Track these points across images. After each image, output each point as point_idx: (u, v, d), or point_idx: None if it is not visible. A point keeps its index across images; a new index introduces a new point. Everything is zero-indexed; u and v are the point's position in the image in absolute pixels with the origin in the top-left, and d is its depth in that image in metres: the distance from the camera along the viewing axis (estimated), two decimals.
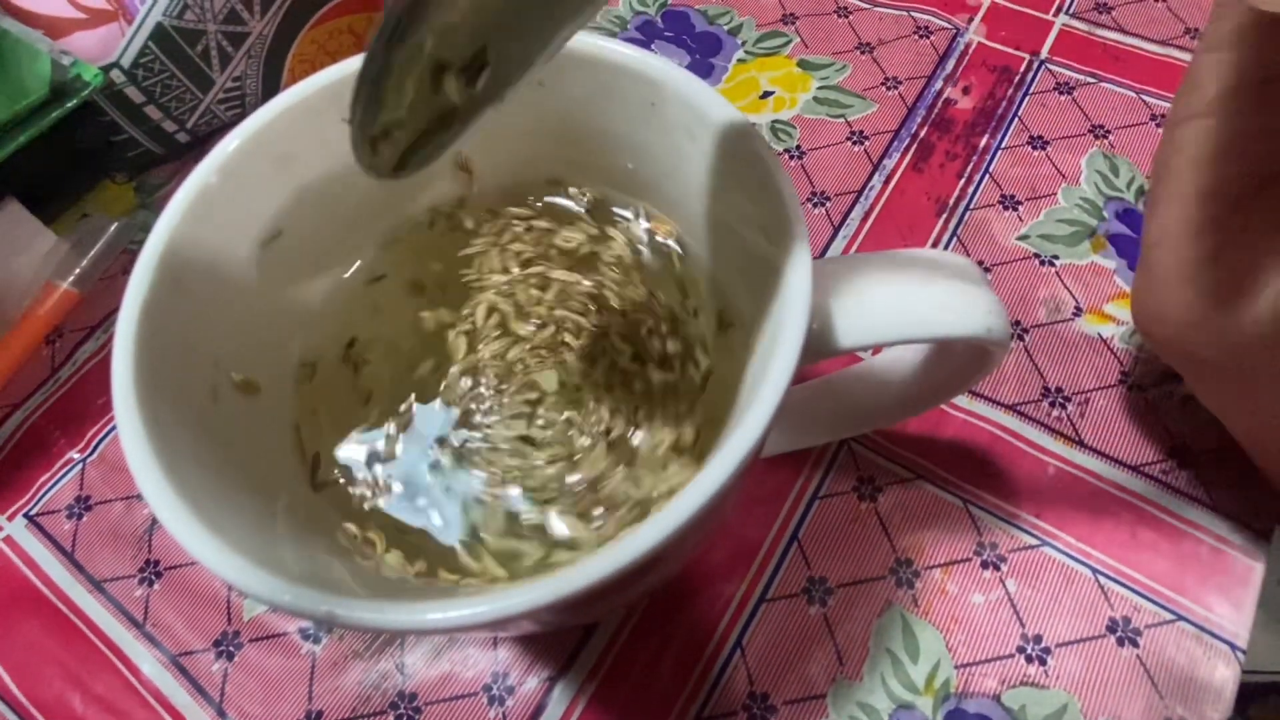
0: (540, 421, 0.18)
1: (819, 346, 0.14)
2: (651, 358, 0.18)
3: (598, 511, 0.17)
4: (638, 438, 0.17)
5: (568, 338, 0.19)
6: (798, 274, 0.13)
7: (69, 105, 0.26)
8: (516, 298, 0.20)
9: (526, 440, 0.18)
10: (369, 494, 0.17)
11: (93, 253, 0.28)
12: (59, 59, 0.26)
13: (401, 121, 0.12)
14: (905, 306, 0.14)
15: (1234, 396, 0.19)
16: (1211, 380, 0.20)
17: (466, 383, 0.19)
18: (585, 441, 0.18)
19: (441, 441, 0.18)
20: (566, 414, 0.18)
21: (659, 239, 0.20)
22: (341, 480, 0.17)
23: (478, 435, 0.18)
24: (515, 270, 0.20)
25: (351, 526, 0.17)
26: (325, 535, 0.16)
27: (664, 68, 0.16)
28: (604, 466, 0.17)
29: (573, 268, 0.20)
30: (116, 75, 0.28)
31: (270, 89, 0.31)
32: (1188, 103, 0.17)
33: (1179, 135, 0.18)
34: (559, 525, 0.17)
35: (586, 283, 0.20)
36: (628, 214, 0.20)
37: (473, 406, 0.18)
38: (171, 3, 0.27)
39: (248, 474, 0.15)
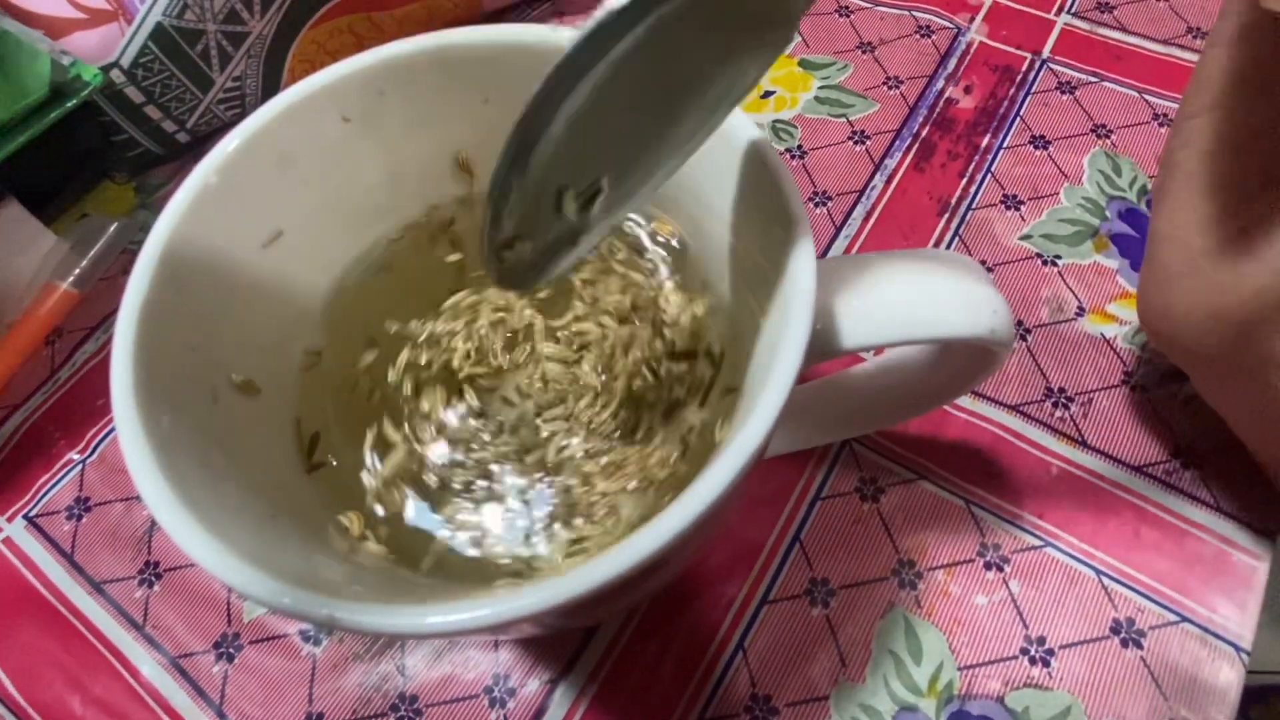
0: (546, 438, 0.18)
1: (822, 347, 0.14)
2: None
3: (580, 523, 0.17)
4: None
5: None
6: (802, 274, 0.13)
7: (69, 105, 0.26)
8: (607, 343, 0.19)
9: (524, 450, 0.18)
10: (369, 488, 0.17)
11: (93, 253, 0.28)
12: (59, 59, 0.26)
13: (525, 235, 0.14)
14: (908, 307, 0.14)
15: (1237, 394, 0.19)
16: (1214, 377, 0.20)
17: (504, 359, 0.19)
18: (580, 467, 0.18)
19: (445, 434, 0.18)
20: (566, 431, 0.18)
21: (662, 238, 0.20)
22: (340, 471, 0.17)
23: (484, 436, 0.18)
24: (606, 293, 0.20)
25: (345, 520, 0.16)
26: (326, 536, 0.16)
27: None
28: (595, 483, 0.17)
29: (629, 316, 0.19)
30: (116, 75, 0.28)
31: (270, 89, 0.31)
32: (1196, 97, 0.17)
33: (1188, 129, 0.18)
34: (547, 536, 0.17)
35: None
36: (630, 215, 0.20)
37: (492, 403, 0.18)
38: (171, 2, 0.27)
39: (248, 475, 0.15)
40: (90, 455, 0.26)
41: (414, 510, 0.17)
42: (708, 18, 0.12)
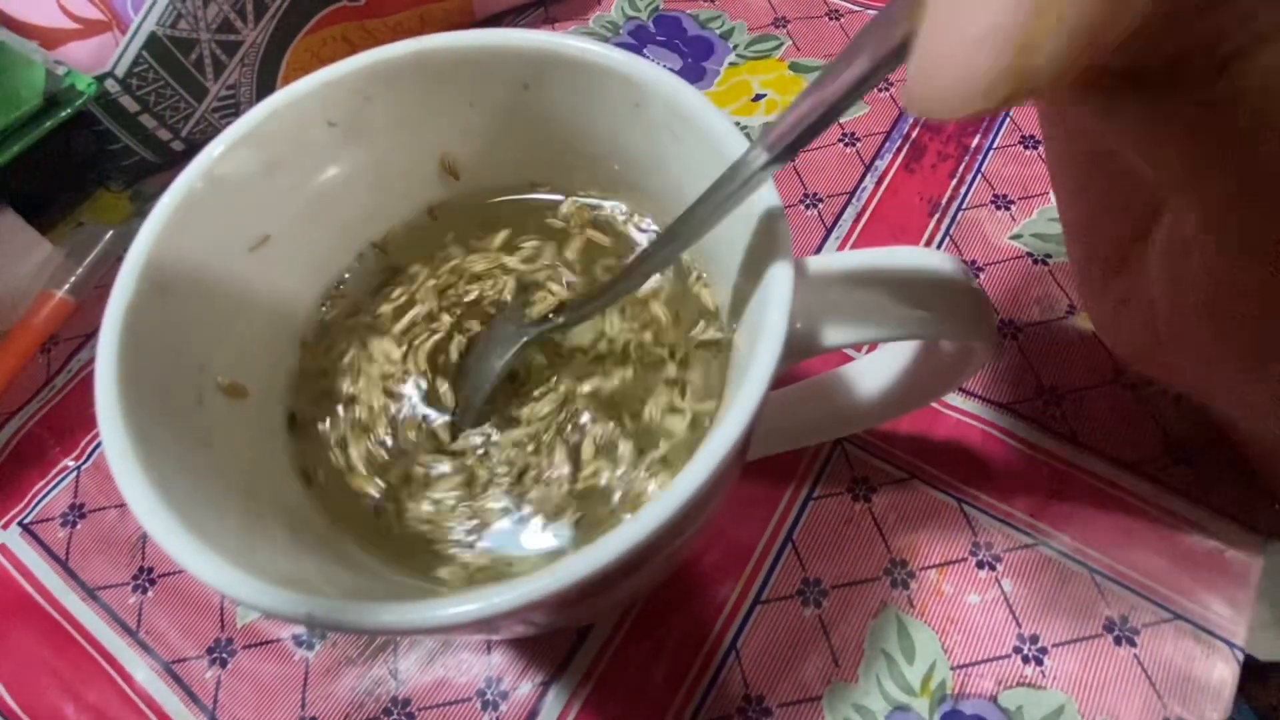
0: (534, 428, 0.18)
1: (804, 344, 0.14)
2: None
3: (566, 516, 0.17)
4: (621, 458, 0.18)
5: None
6: (779, 271, 0.13)
7: (63, 115, 0.27)
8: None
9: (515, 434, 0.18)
10: (357, 488, 0.17)
11: (88, 261, 0.28)
12: (53, 69, 0.27)
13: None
14: (889, 304, 0.14)
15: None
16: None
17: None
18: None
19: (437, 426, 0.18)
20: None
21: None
22: (327, 472, 0.17)
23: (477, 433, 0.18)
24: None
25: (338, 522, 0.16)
26: (313, 535, 0.16)
27: (646, 69, 0.16)
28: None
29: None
30: (111, 84, 0.28)
31: (264, 97, 0.31)
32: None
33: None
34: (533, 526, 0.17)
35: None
36: (615, 214, 0.20)
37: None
38: (165, 12, 0.27)
39: (233, 477, 0.15)
40: (85, 462, 0.26)
41: (405, 509, 0.17)
42: None
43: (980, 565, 0.22)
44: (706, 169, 0.16)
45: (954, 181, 0.29)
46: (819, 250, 0.28)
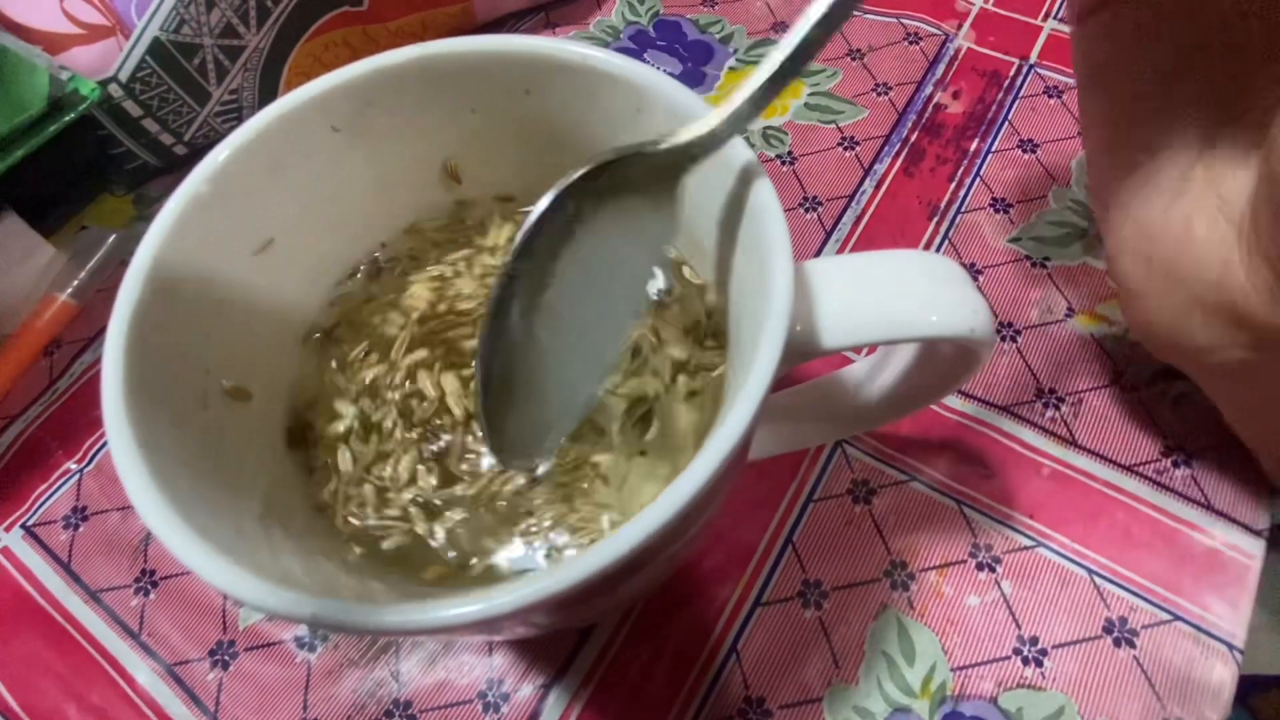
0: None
1: (803, 347, 0.14)
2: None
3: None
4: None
5: None
6: (778, 275, 0.13)
7: (67, 119, 0.27)
8: None
9: None
10: (359, 490, 0.17)
11: (91, 265, 0.28)
12: (57, 74, 0.27)
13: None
14: (888, 307, 0.14)
15: (1236, 389, 0.19)
16: (1214, 376, 0.20)
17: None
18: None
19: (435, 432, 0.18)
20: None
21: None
22: (331, 474, 0.18)
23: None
24: None
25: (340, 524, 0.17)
26: (316, 537, 0.16)
27: (647, 74, 0.17)
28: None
29: None
30: (114, 89, 0.28)
31: (267, 101, 0.31)
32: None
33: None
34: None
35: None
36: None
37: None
38: (168, 17, 0.27)
39: (237, 478, 0.15)
40: (88, 465, 0.26)
41: (407, 513, 0.17)
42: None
43: (980, 567, 0.22)
44: (708, 174, 0.16)
45: (953, 185, 0.29)
46: (818, 253, 0.28)
